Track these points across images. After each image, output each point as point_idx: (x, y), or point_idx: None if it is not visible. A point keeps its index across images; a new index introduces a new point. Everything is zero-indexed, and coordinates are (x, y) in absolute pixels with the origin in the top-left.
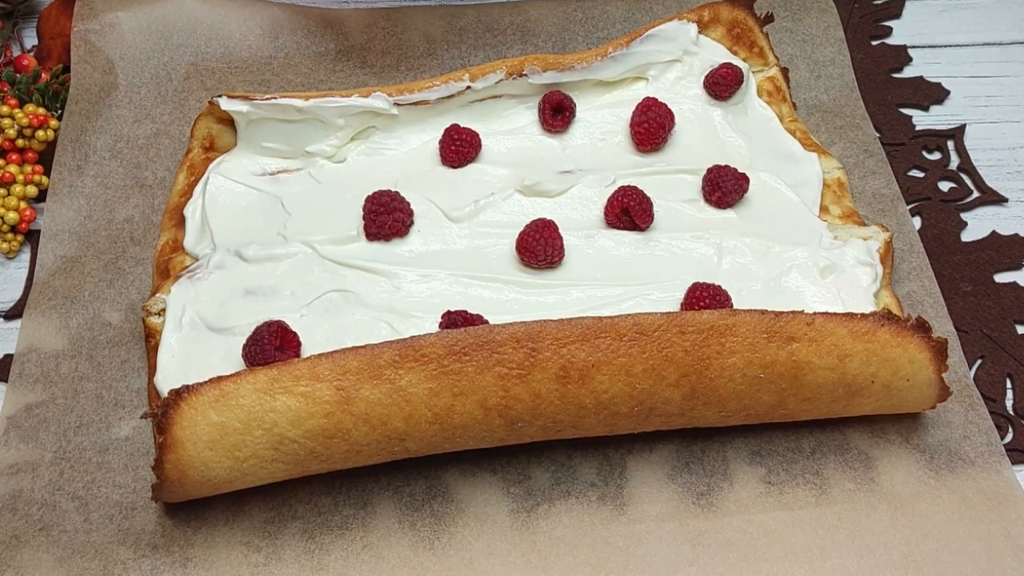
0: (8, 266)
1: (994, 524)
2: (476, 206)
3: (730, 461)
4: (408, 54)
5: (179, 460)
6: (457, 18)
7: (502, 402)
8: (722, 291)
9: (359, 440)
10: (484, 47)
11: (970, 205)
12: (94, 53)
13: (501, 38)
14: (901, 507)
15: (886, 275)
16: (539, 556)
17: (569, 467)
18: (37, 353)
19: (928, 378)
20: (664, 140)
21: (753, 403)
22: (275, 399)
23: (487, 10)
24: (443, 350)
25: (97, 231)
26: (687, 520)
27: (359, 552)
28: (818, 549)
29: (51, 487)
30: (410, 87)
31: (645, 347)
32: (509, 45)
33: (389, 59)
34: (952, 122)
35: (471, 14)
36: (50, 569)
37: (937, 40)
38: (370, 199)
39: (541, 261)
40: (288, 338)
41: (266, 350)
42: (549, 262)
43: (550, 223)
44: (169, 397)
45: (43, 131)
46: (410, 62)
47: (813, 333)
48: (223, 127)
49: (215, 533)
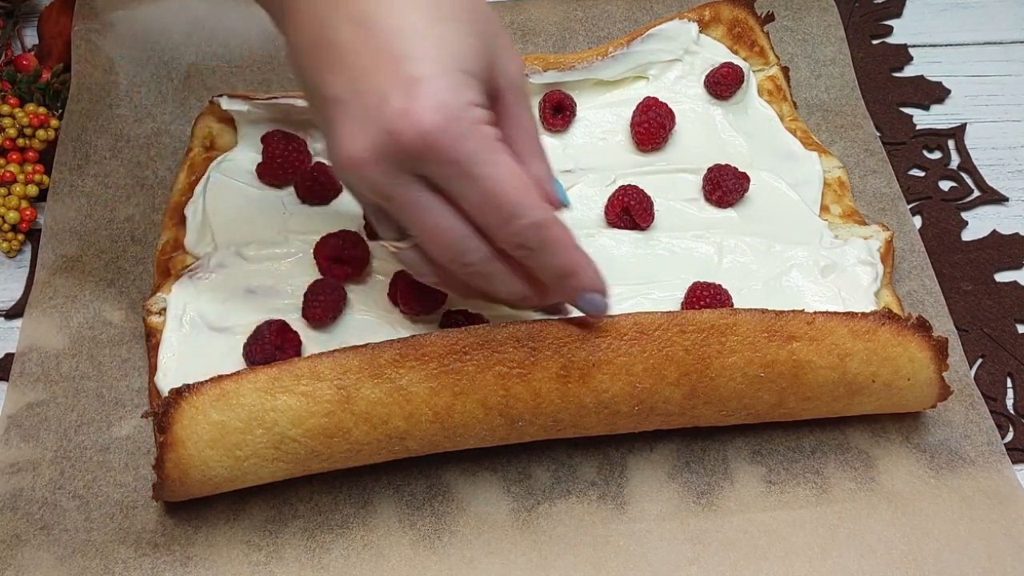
0: (9, 265)
1: (995, 523)
2: None
3: (731, 460)
4: None
5: (180, 459)
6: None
7: (503, 401)
8: (723, 290)
9: (360, 439)
10: None
11: (971, 204)
12: (95, 52)
13: None
14: (902, 506)
15: (887, 274)
16: (539, 555)
17: (570, 466)
18: (38, 352)
19: (929, 377)
20: (665, 139)
21: (754, 402)
22: (276, 398)
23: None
24: (443, 349)
25: (98, 230)
26: (688, 519)
27: (360, 551)
28: (819, 548)
29: (52, 486)
30: None
31: (645, 346)
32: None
33: None
34: (953, 121)
35: None
36: (51, 568)
37: (938, 39)
38: None
39: None
40: (288, 337)
41: (266, 349)
42: None
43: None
44: (170, 396)
45: (44, 130)
46: None
47: (814, 332)
48: (224, 126)
49: (216, 532)
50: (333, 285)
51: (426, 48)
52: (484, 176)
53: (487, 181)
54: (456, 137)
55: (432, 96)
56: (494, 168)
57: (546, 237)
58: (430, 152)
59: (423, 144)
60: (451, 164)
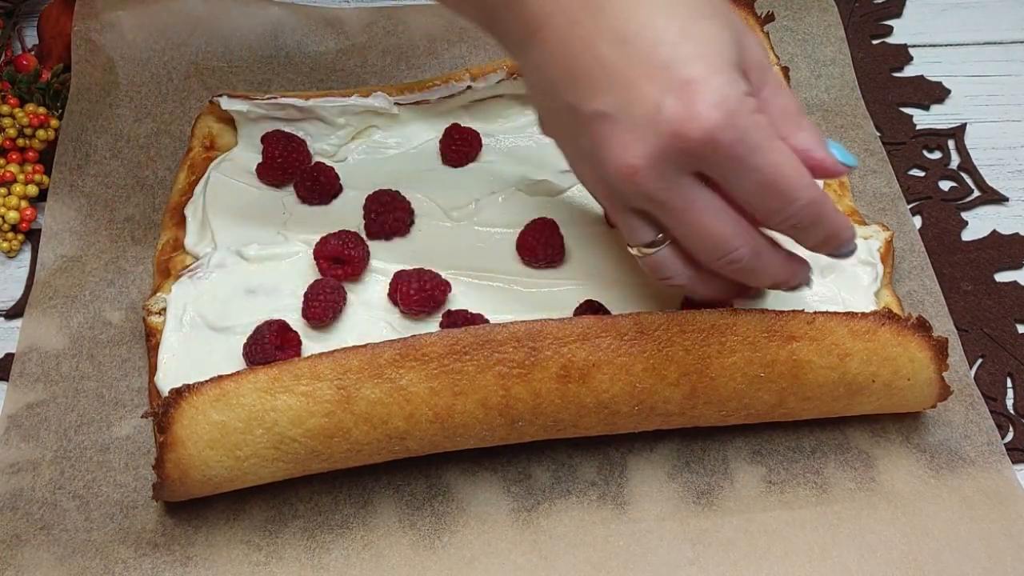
0: (9, 265)
1: (994, 523)
2: (477, 205)
3: (731, 460)
4: (409, 54)
5: (180, 459)
6: (458, 17)
7: (502, 401)
8: None
9: (360, 439)
10: (485, 46)
11: (971, 204)
12: (95, 52)
13: None
14: (902, 506)
15: (887, 274)
16: (539, 555)
17: (570, 466)
18: (38, 352)
19: (929, 377)
20: None
21: (754, 402)
22: (276, 398)
23: None
24: (443, 349)
25: (98, 230)
26: (688, 519)
27: (359, 551)
28: (819, 548)
29: (52, 486)
30: (411, 87)
31: (645, 346)
32: None
33: (390, 58)
34: (953, 121)
35: None
36: (51, 568)
37: (938, 39)
38: (371, 198)
39: (541, 261)
40: (289, 337)
41: (267, 349)
42: (549, 262)
43: (550, 222)
44: (170, 396)
45: (44, 130)
46: (411, 61)
47: (814, 332)
48: (224, 126)
49: (216, 532)
50: (333, 285)
51: (691, 50)
52: (764, 164)
53: (767, 169)
54: (740, 131)
55: (711, 94)
56: (773, 154)
57: (818, 213)
58: (715, 148)
59: (708, 141)
60: (734, 159)
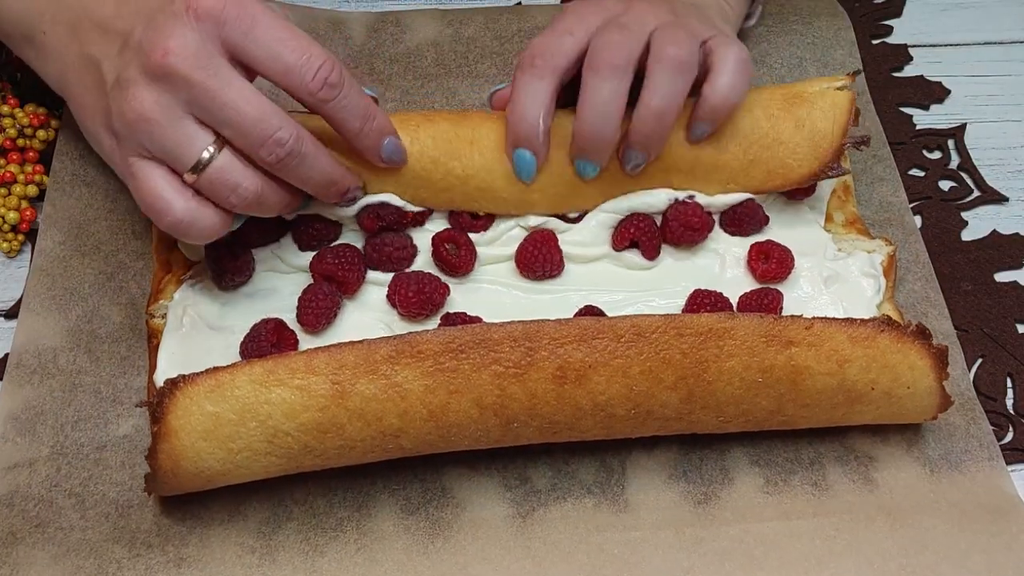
0: (9, 266)
1: (994, 537)
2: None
3: (729, 470)
4: (416, 63)
5: (173, 449)
6: (465, 25)
7: (498, 401)
8: (723, 298)
9: (353, 435)
10: (491, 55)
11: (971, 204)
12: None
13: (508, 45)
14: (900, 518)
15: (889, 287)
16: (533, 562)
17: (567, 472)
18: (35, 345)
19: (929, 386)
20: None
21: (752, 408)
22: (270, 391)
23: (494, 16)
24: (439, 347)
25: (98, 220)
26: (684, 528)
27: (353, 555)
28: (815, 559)
29: (48, 483)
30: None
31: (642, 349)
32: (516, 52)
33: (397, 67)
34: (953, 121)
35: (478, 21)
36: (45, 567)
37: (938, 39)
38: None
39: (540, 275)
40: (286, 335)
41: (263, 347)
42: (548, 275)
43: (549, 235)
44: (165, 386)
45: (44, 130)
46: (418, 71)
47: (812, 338)
48: None
49: (210, 533)
50: (328, 291)
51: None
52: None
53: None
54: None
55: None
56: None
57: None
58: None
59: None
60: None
